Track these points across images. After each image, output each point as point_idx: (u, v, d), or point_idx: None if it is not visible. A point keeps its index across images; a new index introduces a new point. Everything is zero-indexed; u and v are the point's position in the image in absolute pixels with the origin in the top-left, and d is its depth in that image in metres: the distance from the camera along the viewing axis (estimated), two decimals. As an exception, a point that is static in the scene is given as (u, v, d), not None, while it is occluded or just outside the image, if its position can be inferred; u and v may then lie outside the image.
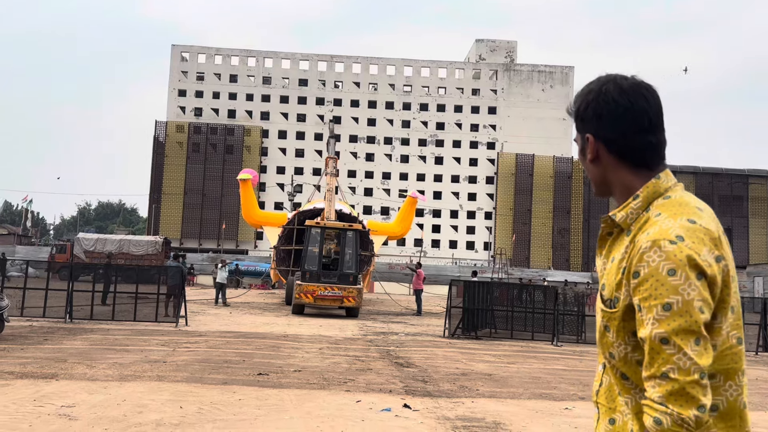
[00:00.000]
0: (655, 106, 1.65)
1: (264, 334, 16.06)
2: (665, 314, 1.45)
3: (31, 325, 15.43)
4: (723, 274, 1.50)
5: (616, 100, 1.64)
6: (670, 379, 1.43)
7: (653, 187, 1.62)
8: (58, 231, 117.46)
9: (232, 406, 7.64)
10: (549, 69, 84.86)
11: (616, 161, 1.67)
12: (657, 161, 1.66)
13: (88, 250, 43.44)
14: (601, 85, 1.68)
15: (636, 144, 1.64)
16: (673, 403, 1.43)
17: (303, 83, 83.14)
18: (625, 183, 1.67)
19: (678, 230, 1.49)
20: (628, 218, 1.62)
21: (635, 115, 1.63)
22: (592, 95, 1.68)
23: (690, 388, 1.42)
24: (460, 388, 9.66)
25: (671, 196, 1.60)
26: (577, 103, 1.73)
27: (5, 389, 8.00)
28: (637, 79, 1.67)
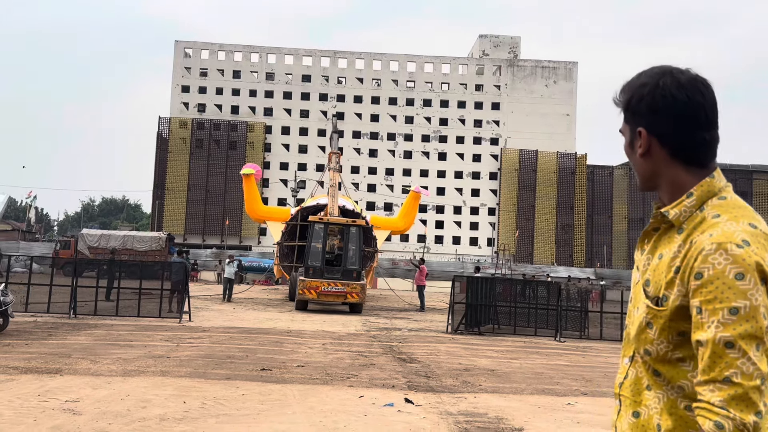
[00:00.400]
0: (711, 101, 1.61)
1: (267, 329, 16.10)
2: (732, 318, 1.42)
3: (36, 320, 15.49)
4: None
5: (674, 94, 1.59)
6: (733, 383, 1.41)
7: (708, 186, 1.59)
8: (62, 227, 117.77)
9: (235, 401, 7.66)
10: (552, 64, 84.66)
11: (669, 157, 1.63)
12: (710, 158, 1.62)
13: (92, 245, 43.53)
14: (658, 78, 1.62)
15: (690, 140, 1.60)
16: (735, 407, 1.41)
17: (306, 79, 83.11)
18: (676, 179, 1.63)
19: (743, 234, 1.47)
20: (681, 216, 1.59)
21: (692, 111, 1.59)
22: (647, 88, 1.63)
23: (752, 393, 1.41)
24: (462, 383, 9.68)
25: (726, 197, 1.58)
26: (627, 94, 1.68)
27: (10, 384, 8.04)
28: (694, 73, 1.63)
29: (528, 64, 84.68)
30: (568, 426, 7.26)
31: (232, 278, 26.57)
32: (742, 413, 1.41)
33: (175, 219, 76.49)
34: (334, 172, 27.66)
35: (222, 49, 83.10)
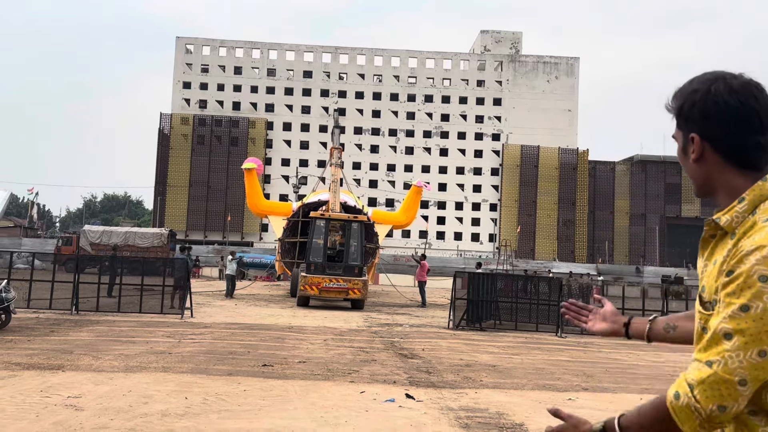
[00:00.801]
0: (765, 105, 1.60)
1: (269, 325, 16.12)
2: (740, 314, 1.43)
3: (38, 316, 15.53)
4: None
5: (726, 100, 1.59)
6: (712, 369, 1.43)
7: (759, 189, 1.57)
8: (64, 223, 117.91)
9: (236, 396, 7.68)
10: (554, 60, 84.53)
11: (722, 162, 1.63)
12: (764, 162, 1.61)
13: (94, 242, 43.60)
14: (710, 84, 1.62)
15: (744, 145, 1.60)
16: (700, 389, 1.44)
17: (307, 75, 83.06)
18: (730, 184, 1.63)
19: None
20: (733, 222, 1.57)
21: (745, 116, 1.58)
22: (699, 94, 1.63)
23: (724, 385, 1.42)
24: (463, 379, 9.69)
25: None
26: (679, 101, 1.68)
27: (12, 380, 8.06)
28: (747, 78, 1.62)
29: (529, 59, 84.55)
30: (568, 421, 7.26)
31: (235, 275, 26.57)
32: (703, 397, 1.43)
33: (176, 215, 76.58)
34: (336, 167, 27.63)
35: (223, 45, 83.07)
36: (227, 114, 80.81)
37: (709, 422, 1.45)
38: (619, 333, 2.09)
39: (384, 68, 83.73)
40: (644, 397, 8.80)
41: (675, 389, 1.49)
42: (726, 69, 1.66)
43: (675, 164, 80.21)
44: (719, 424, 1.46)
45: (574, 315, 2.21)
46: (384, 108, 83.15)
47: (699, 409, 1.44)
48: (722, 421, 1.45)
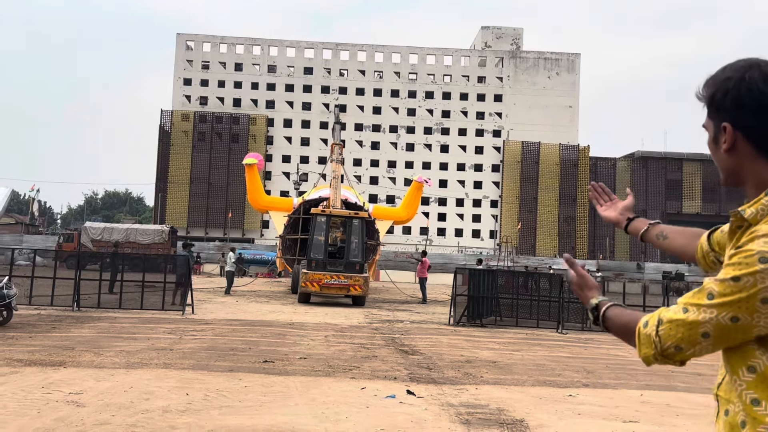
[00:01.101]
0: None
1: (270, 322, 16.14)
2: (730, 282, 1.48)
3: (39, 313, 15.56)
4: None
5: (761, 88, 1.55)
6: (684, 315, 1.53)
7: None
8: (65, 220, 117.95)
9: (237, 393, 7.70)
10: (555, 56, 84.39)
11: (755, 152, 1.60)
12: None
13: (95, 239, 43.65)
14: (743, 72, 1.58)
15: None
16: (666, 327, 1.55)
17: (308, 71, 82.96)
18: (761, 176, 1.60)
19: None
20: (758, 214, 1.55)
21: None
22: (732, 82, 1.59)
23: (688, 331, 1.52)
24: (464, 375, 9.71)
25: None
26: (711, 89, 1.65)
27: (14, 377, 8.08)
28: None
29: (530, 55, 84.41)
30: (569, 417, 7.29)
31: (234, 271, 26.54)
32: (666, 334, 1.55)
33: (177, 212, 76.59)
34: (337, 163, 27.57)
35: (224, 42, 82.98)
36: (228, 111, 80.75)
37: (662, 356, 1.57)
38: (620, 225, 2.22)
39: (385, 64, 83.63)
40: (644, 393, 8.82)
41: (648, 318, 1.61)
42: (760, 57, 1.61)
43: (676, 160, 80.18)
44: (670, 360, 1.58)
45: (596, 195, 2.36)
46: (385, 104, 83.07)
47: (657, 342, 1.56)
48: (676, 358, 1.57)
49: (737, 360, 1.56)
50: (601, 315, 1.79)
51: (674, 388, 9.02)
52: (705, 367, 11.59)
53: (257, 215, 76.78)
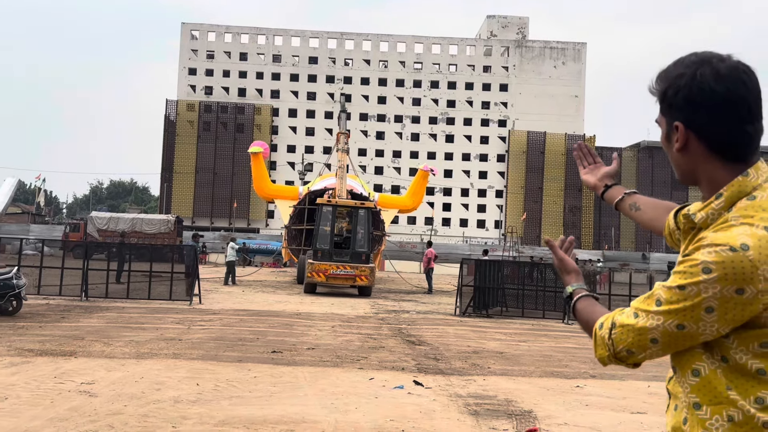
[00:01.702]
0: (754, 91, 1.51)
1: (277, 312, 16.21)
2: (676, 290, 1.48)
3: (48, 303, 15.65)
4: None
5: (713, 87, 1.49)
6: (635, 320, 1.55)
7: (738, 186, 1.51)
8: (71, 209, 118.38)
9: (247, 383, 7.76)
10: (561, 45, 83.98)
11: (707, 152, 1.55)
12: (751, 153, 1.53)
13: (101, 228, 43.79)
14: (695, 69, 1.52)
15: (731, 135, 1.52)
16: (619, 332, 1.58)
17: (313, 61, 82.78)
18: (713, 176, 1.56)
19: (747, 238, 1.43)
20: (708, 219, 1.53)
21: (732, 104, 1.49)
22: (684, 80, 1.53)
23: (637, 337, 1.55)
24: (471, 366, 9.75)
25: (757, 197, 1.50)
26: (663, 84, 1.59)
27: (26, 366, 8.16)
28: (735, 61, 1.52)
29: (536, 45, 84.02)
30: (576, 408, 7.33)
31: (235, 261, 26.15)
32: (618, 338, 1.59)
33: (183, 202, 76.76)
34: (342, 153, 27.41)
35: (229, 32, 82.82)
36: (233, 100, 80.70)
37: (615, 358, 1.62)
38: (598, 190, 2.18)
39: (390, 54, 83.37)
40: (652, 384, 8.85)
41: (604, 320, 1.65)
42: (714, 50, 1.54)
43: (682, 150, 79.91)
44: (623, 363, 1.62)
45: (580, 155, 2.32)
46: (390, 94, 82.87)
47: (610, 345, 1.60)
48: (628, 361, 1.61)
49: (684, 362, 1.57)
50: (572, 305, 1.82)
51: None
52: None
53: (262, 205, 76.88)
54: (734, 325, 1.46)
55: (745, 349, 1.47)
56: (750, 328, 1.46)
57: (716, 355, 1.51)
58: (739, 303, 1.42)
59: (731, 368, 1.49)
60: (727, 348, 1.49)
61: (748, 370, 1.47)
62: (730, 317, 1.44)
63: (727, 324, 1.46)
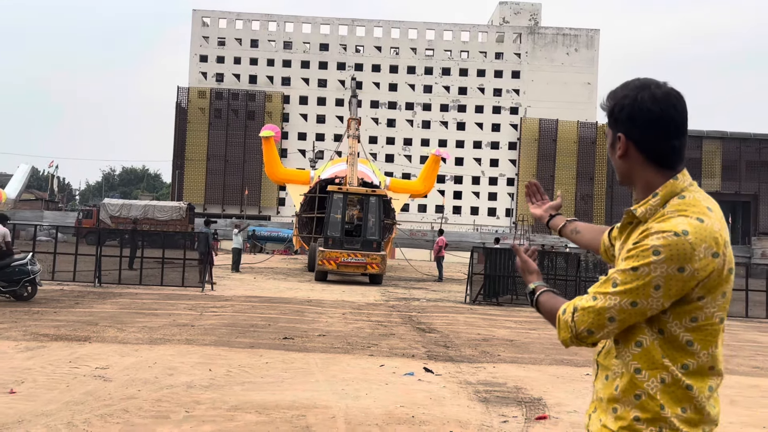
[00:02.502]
0: (682, 113, 1.87)
1: (288, 299, 16.32)
2: (630, 272, 1.78)
3: (62, 289, 15.84)
4: (718, 268, 1.77)
5: (650, 108, 1.84)
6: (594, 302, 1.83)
7: (671, 186, 1.86)
8: (84, 196, 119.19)
9: (259, 368, 7.84)
10: (574, 32, 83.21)
11: (643, 160, 1.90)
12: (678, 162, 1.89)
13: (114, 215, 44.12)
14: (637, 92, 1.87)
15: (662, 147, 1.87)
16: (580, 314, 1.85)
17: (324, 48, 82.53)
18: (647, 179, 1.90)
19: (686, 226, 1.76)
20: (647, 213, 1.85)
21: (664, 123, 1.85)
22: (628, 100, 1.88)
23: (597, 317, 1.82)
24: (481, 353, 9.79)
25: (686, 196, 1.84)
26: (611, 103, 1.93)
27: (42, 351, 8.29)
28: (668, 88, 1.88)
29: (549, 31, 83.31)
30: (586, 396, 7.35)
31: (241, 248, 25.92)
32: (579, 319, 1.85)
33: (194, 189, 77.05)
34: (353, 139, 27.08)
35: (239, 18, 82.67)
36: (244, 87, 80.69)
37: (577, 339, 1.87)
38: (543, 220, 2.58)
39: (401, 41, 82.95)
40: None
41: (566, 306, 1.91)
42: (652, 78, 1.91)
43: (695, 138, 79.11)
44: (585, 343, 1.88)
45: (530, 193, 2.69)
46: (401, 81, 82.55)
47: (573, 327, 1.86)
48: (588, 341, 1.87)
49: (629, 336, 1.85)
50: (534, 299, 2.10)
51: (691, 368, 9.04)
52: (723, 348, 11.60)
53: (273, 192, 77.04)
54: (675, 299, 1.77)
55: (679, 323, 1.80)
56: (683, 304, 1.78)
57: (655, 328, 1.82)
58: (680, 280, 1.74)
59: (666, 340, 1.81)
60: (664, 322, 1.81)
61: (680, 342, 1.81)
62: (673, 292, 1.76)
63: (670, 299, 1.77)
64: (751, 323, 16.46)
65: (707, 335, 1.82)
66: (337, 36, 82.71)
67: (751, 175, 77.90)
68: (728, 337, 13.31)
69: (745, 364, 9.94)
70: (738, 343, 12.47)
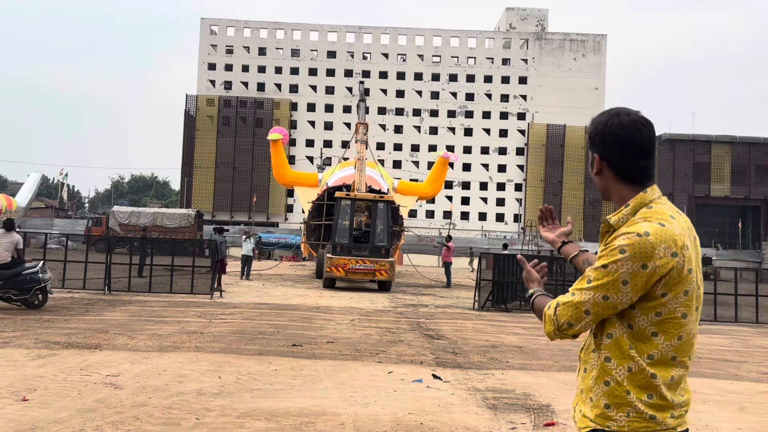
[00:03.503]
0: (647, 137, 2.15)
1: (296, 305, 16.36)
2: (601, 269, 2.04)
3: (72, 296, 15.94)
4: (678, 267, 2.02)
5: (617, 133, 2.15)
6: (572, 297, 2.09)
7: (640, 198, 2.13)
8: (93, 204, 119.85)
9: (268, 376, 7.88)
10: (581, 38, 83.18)
11: (615, 177, 2.20)
12: (646, 179, 2.17)
13: (123, 222, 44.36)
14: (608, 119, 2.18)
15: (630, 166, 2.17)
16: (561, 308, 2.10)
17: (331, 55, 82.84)
18: (620, 193, 2.19)
19: (647, 228, 2.02)
20: (620, 221, 2.12)
21: (631, 146, 2.14)
22: (601, 126, 2.20)
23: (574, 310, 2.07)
24: (490, 360, 9.79)
25: (653, 206, 2.11)
26: (591, 128, 2.26)
27: (53, 359, 8.35)
28: (637, 116, 2.17)
29: (556, 37, 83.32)
30: (595, 403, 7.34)
31: (251, 255, 25.69)
32: (561, 313, 2.10)
33: (203, 196, 77.37)
34: (361, 144, 26.86)
35: (247, 26, 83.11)
36: (252, 95, 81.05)
37: (560, 331, 2.12)
38: (555, 245, 2.78)
39: (408, 47, 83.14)
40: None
41: (551, 303, 2.16)
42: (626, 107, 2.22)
43: (704, 143, 78.81)
44: (565, 334, 2.12)
45: (542, 217, 2.88)
46: (408, 88, 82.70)
47: (555, 320, 2.12)
48: (568, 333, 2.11)
49: (603, 328, 2.11)
50: (531, 302, 2.34)
51: (701, 374, 9.01)
52: (732, 353, 11.55)
53: (282, 199, 77.25)
54: (641, 293, 2.02)
55: (645, 318, 2.04)
56: (649, 300, 2.03)
57: (625, 322, 2.07)
58: (644, 275, 1.99)
59: (634, 333, 2.06)
60: (633, 317, 2.06)
61: (646, 334, 2.05)
62: (639, 287, 2.00)
63: (636, 293, 2.01)
64: (761, 329, 16.37)
65: (670, 328, 2.05)
66: (344, 43, 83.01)
67: (761, 180, 77.42)
68: (738, 343, 13.26)
69: (754, 370, 9.90)
70: (748, 349, 12.41)
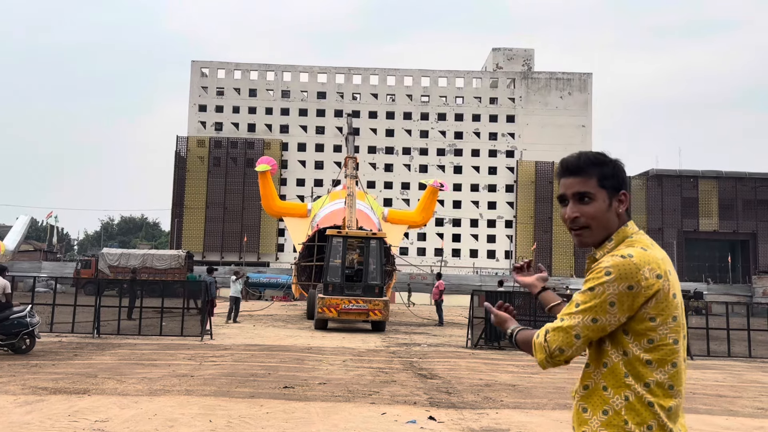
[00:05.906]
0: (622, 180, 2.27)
1: (288, 346, 16.20)
2: (588, 292, 2.08)
3: (61, 340, 15.72)
4: (664, 289, 2.06)
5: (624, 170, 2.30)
6: (562, 323, 2.10)
7: (622, 233, 2.21)
8: (82, 246, 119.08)
9: (260, 419, 7.76)
10: (567, 76, 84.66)
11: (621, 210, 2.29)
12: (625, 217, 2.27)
13: (113, 264, 44.08)
14: (614, 160, 2.31)
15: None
16: (551, 335, 2.11)
17: (321, 96, 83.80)
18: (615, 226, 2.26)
19: (630, 251, 2.08)
20: (603, 254, 2.19)
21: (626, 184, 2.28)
22: (618, 164, 2.31)
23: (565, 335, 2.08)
24: (484, 399, 9.70)
25: (633, 238, 2.19)
26: (609, 169, 2.33)
27: (40, 405, 8.20)
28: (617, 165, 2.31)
29: (542, 76, 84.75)
30: (591, 441, 7.26)
31: (239, 296, 24.55)
32: (551, 339, 2.10)
33: (193, 236, 77.14)
34: (351, 179, 26.31)
35: (238, 68, 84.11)
36: (243, 136, 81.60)
37: (552, 358, 2.11)
38: (534, 290, 2.76)
39: (397, 87, 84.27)
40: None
41: (540, 331, 2.16)
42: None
43: (691, 178, 79.75)
44: (558, 361, 2.11)
45: (520, 267, 2.87)
46: (397, 127, 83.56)
47: (546, 347, 2.11)
48: (560, 359, 2.11)
49: (598, 357, 2.14)
50: (513, 338, 2.36)
51: (696, 410, 8.96)
52: (726, 389, 11.50)
53: (273, 239, 77.14)
54: (629, 314, 2.05)
55: (639, 345, 2.06)
56: (639, 323, 2.06)
57: (620, 350, 2.09)
58: (630, 296, 2.03)
59: (629, 360, 2.07)
60: (627, 344, 2.08)
61: (641, 361, 2.06)
62: (626, 307, 2.04)
63: (624, 313, 2.05)
64: (754, 363, 16.33)
65: (664, 355, 2.06)
66: (334, 84, 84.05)
67: (748, 214, 78.17)
68: (732, 378, 13.21)
69: (749, 405, 9.85)
70: (742, 384, 12.36)
